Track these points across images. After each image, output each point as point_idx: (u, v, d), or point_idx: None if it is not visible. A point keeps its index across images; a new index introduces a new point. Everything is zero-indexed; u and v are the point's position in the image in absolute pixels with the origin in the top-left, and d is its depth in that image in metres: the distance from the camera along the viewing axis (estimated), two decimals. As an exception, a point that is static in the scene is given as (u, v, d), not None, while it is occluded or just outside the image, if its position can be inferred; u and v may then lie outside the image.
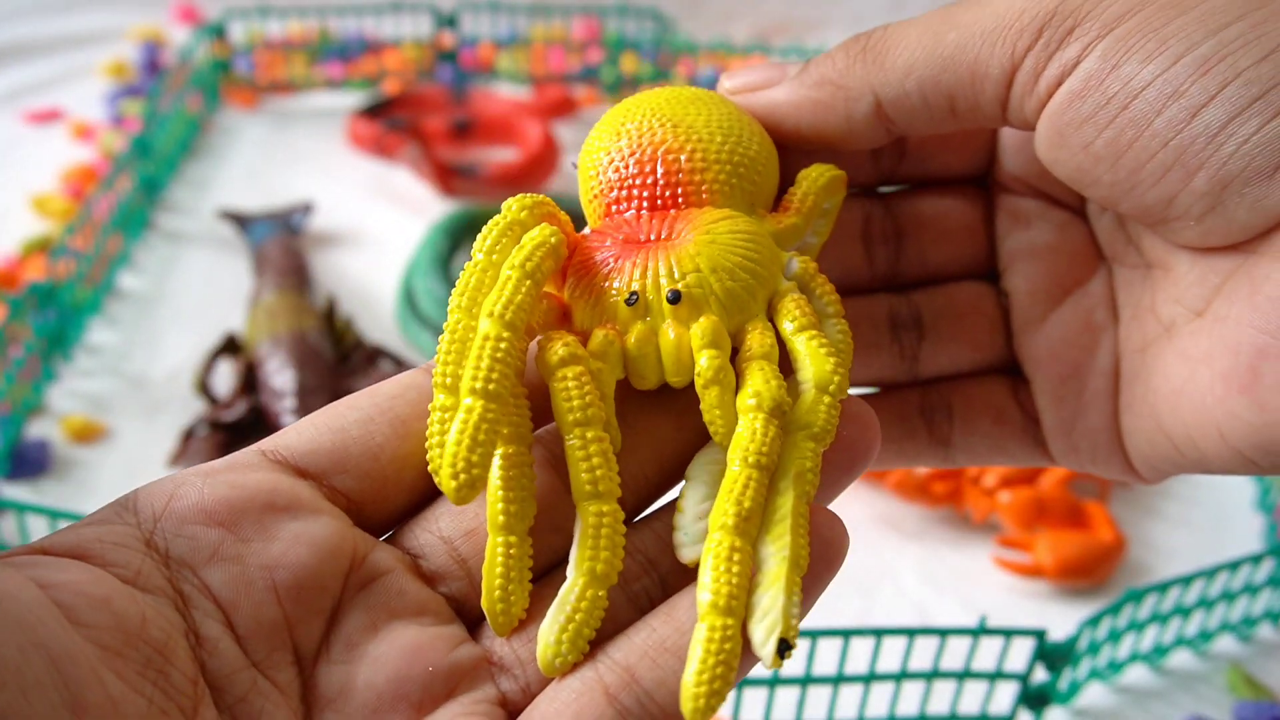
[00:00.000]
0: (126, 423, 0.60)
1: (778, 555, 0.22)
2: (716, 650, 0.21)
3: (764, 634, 0.22)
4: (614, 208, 0.27)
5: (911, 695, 0.46)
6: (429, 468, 0.24)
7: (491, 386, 0.23)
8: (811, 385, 0.24)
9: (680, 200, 0.26)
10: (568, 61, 0.89)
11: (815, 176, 0.28)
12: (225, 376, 0.62)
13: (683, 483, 0.25)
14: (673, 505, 0.25)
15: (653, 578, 0.24)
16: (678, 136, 0.27)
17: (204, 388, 0.60)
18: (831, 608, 0.52)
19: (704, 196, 0.26)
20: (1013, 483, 0.56)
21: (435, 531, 0.25)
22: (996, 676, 0.46)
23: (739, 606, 0.22)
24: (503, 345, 0.23)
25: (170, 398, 0.62)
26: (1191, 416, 0.25)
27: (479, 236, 0.25)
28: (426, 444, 0.24)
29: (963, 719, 0.47)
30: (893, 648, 0.45)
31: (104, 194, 0.69)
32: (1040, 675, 0.46)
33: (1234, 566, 0.49)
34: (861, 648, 0.44)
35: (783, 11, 0.98)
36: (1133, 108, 0.23)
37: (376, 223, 0.76)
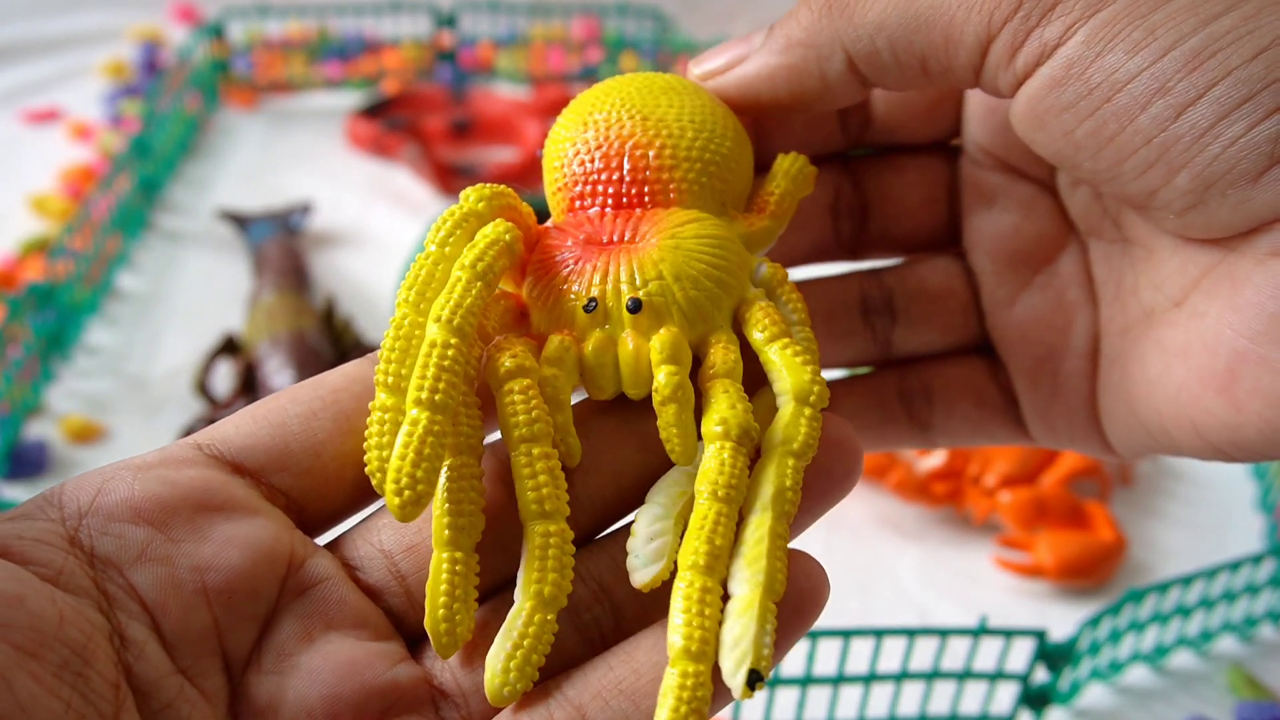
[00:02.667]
0: (125, 423, 0.60)
1: (752, 581, 0.21)
2: (689, 699, 0.20)
3: (734, 664, 0.21)
4: (578, 203, 0.26)
5: (912, 695, 0.46)
6: (367, 469, 0.23)
7: (439, 398, 0.22)
8: (790, 398, 0.23)
9: (647, 199, 0.25)
10: (567, 61, 0.89)
11: (788, 169, 0.27)
12: (224, 377, 0.62)
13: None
14: (626, 529, 0.24)
15: (604, 606, 0.23)
16: (646, 131, 0.25)
17: (203, 388, 0.60)
18: (831, 608, 0.53)
19: (671, 196, 0.25)
20: (1013, 483, 0.56)
21: (376, 544, 0.24)
22: (997, 677, 0.45)
23: (710, 651, 0.21)
24: (449, 353, 0.22)
25: (169, 398, 0.61)
26: (1166, 409, 0.25)
27: (432, 226, 0.24)
28: (365, 444, 0.23)
29: (963, 719, 0.47)
30: (893, 648, 0.45)
31: (103, 194, 0.69)
32: (1041, 675, 0.46)
33: (1235, 566, 0.49)
34: (861, 648, 0.44)
35: (782, 10, 0.98)
36: (1116, 100, 0.22)
37: (376, 223, 0.76)
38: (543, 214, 0.27)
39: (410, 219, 0.75)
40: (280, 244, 0.70)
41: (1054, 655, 0.45)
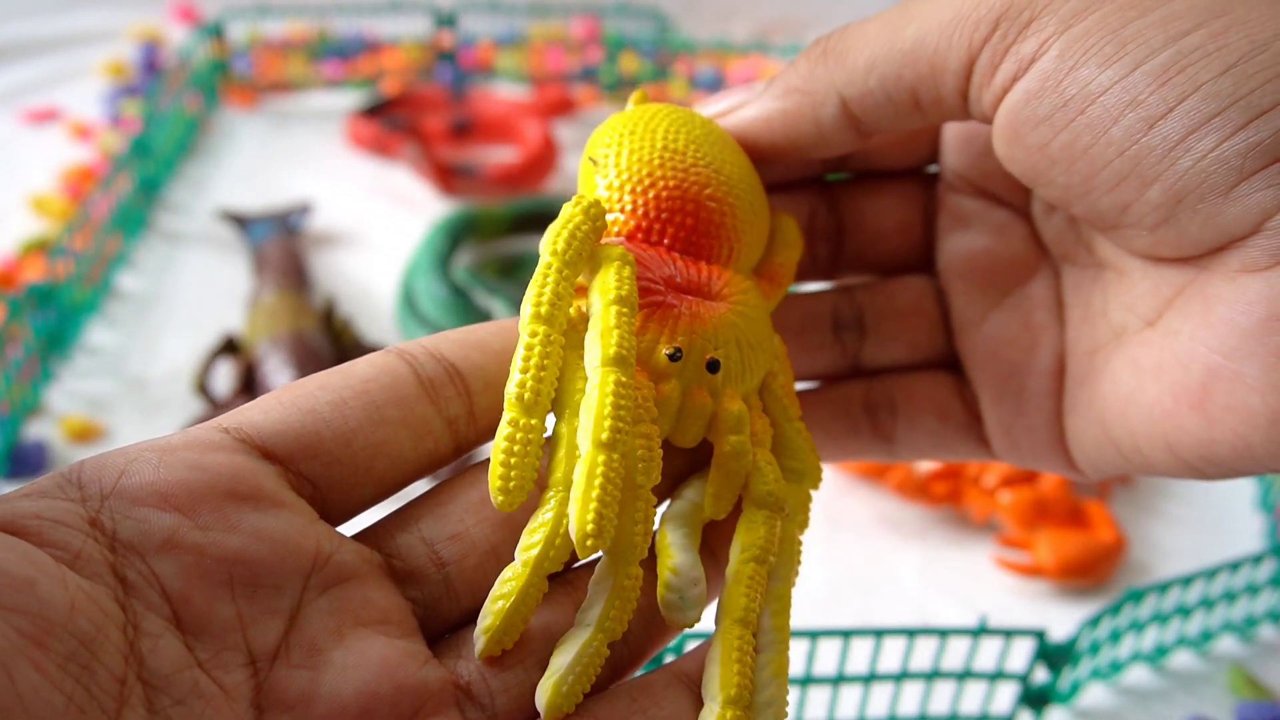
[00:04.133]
0: (125, 423, 0.60)
1: (779, 643, 0.24)
2: None
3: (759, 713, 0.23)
4: (640, 234, 0.26)
5: (912, 695, 0.46)
6: (491, 486, 0.22)
7: (620, 437, 0.22)
8: (807, 479, 0.26)
9: (709, 254, 0.26)
10: (567, 61, 0.89)
11: (791, 241, 0.28)
12: (224, 377, 0.62)
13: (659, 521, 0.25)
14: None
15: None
16: (719, 187, 0.26)
17: (203, 388, 0.60)
18: (832, 608, 0.53)
19: (728, 258, 0.26)
20: (1013, 483, 0.56)
21: (415, 532, 0.24)
22: (997, 676, 0.45)
23: (748, 698, 0.23)
24: (624, 392, 0.22)
25: (169, 398, 0.61)
26: (1139, 426, 0.25)
27: (548, 238, 0.24)
28: (492, 460, 0.23)
29: (963, 719, 0.47)
30: (893, 648, 0.45)
31: (103, 194, 0.69)
32: (1041, 675, 0.46)
33: (1235, 566, 0.49)
34: (861, 648, 0.44)
35: (782, 10, 0.98)
36: (1089, 113, 0.23)
37: (376, 223, 0.76)
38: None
39: (410, 219, 0.75)
40: (280, 244, 0.70)
41: (1054, 655, 0.45)
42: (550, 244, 0.24)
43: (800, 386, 0.29)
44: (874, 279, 0.31)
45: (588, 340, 0.23)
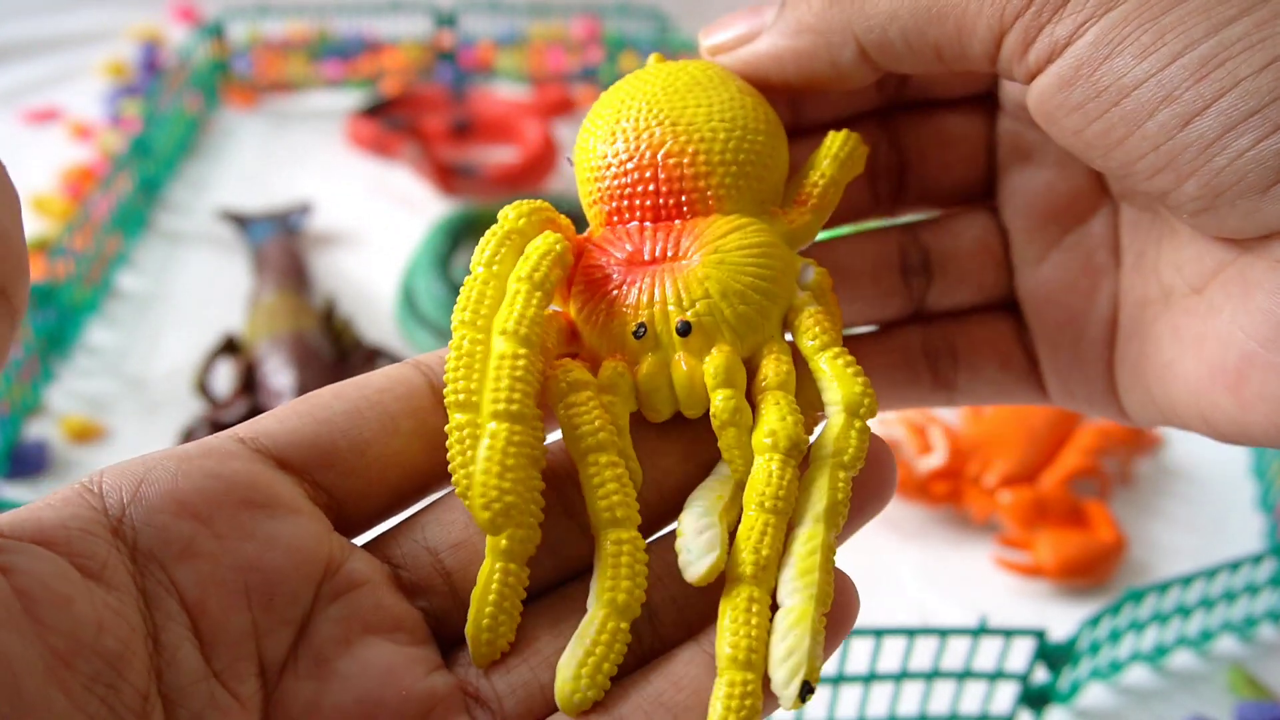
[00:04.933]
0: (125, 423, 0.60)
1: (805, 593, 0.22)
2: (737, 707, 0.21)
3: (787, 675, 0.21)
4: (615, 218, 0.25)
5: (912, 695, 0.46)
6: (456, 490, 0.23)
7: (515, 407, 0.22)
8: (841, 409, 0.23)
9: (685, 209, 0.25)
10: (567, 61, 0.89)
11: (835, 153, 0.26)
12: (224, 377, 0.62)
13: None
14: (665, 540, 0.24)
15: (643, 615, 0.23)
16: (678, 137, 0.25)
17: (203, 388, 0.60)
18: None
19: (710, 203, 0.25)
20: (1013, 483, 0.56)
21: (420, 541, 0.24)
22: (997, 676, 0.45)
23: (759, 660, 0.21)
24: (520, 363, 0.22)
25: (169, 398, 0.61)
26: (1177, 395, 0.25)
27: (477, 248, 0.24)
28: (450, 466, 0.23)
29: (963, 719, 0.47)
30: (893, 648, 0.45)
31: (103, 194, 0.69)
32: (1041, 675, 0.46)
33: (1235, 566, 0.49)
34: (861, 648, 0.44)
35: (782, 11, 0.98)
36: (1124, 105, 0.22)
37: (376, 223, 0.76)
38: (578, 222, 0.26)
39: (410, 219, 0.75)
40: (280, 244, 0.70)
41: (1054, 655, 0.45)
42: (476, 254, 0.24)
43: (859, 331, 0.29)
44: (938, 215, 0.30)
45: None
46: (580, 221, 0.26)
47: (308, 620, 0.22)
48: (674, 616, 0.23)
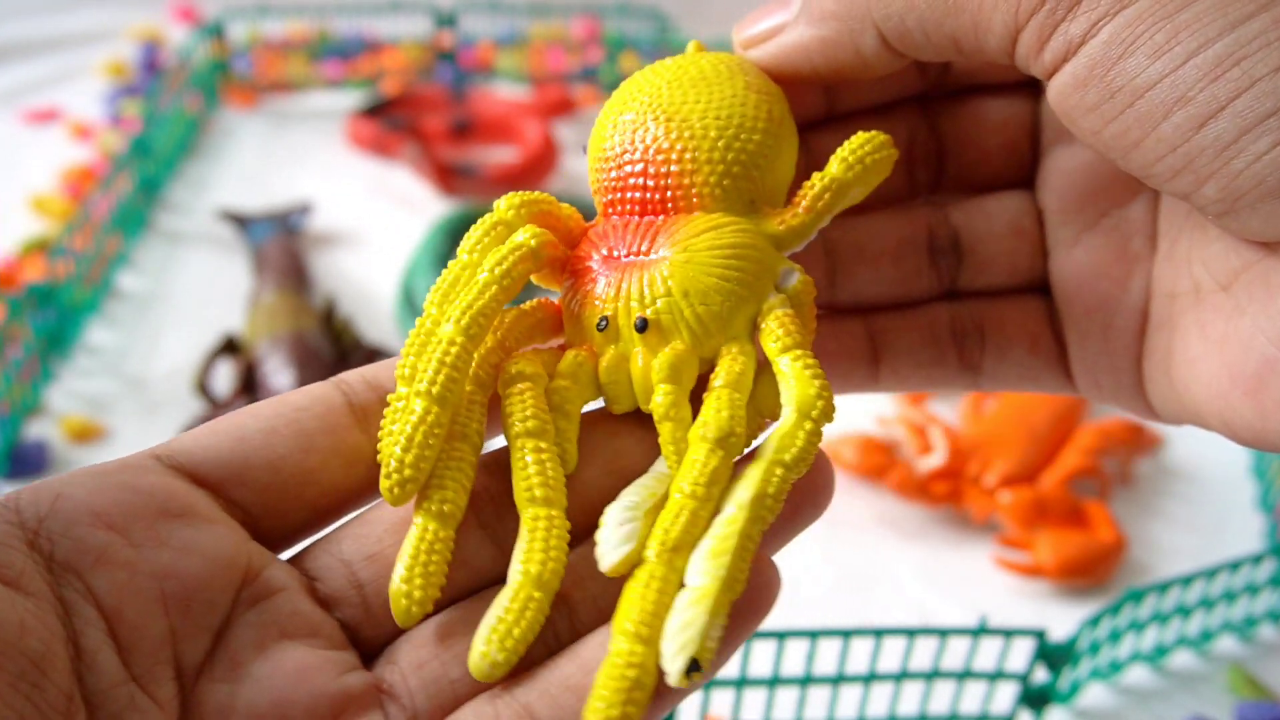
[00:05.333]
0: (125, 423, 0.60)
1: (711, 575, 0.21)
2: (619, 675, 0.20)
3: (675, 649, 0.20)
4: (610, 210, 0.26)
5: (911, 695, 0.46)
6: (380, 459, 0.23)
7: (436, 389, 0.23)
8: (794, 410, 0.23)
9: (669, 206, 0.25)
10: (567, 61, 0.89)
11: (849, 157, 0.25)
12: (224, 377, 0.62)
13: None
14: (588, 542, 0.24)
15: (561, 612, 0.23)
16: (668, 134, 0.25)
17: (203, 388, 0.60)
18: (831, 608, 0.53)
19: (694, 200, 0.25)
20: (1013, 482, 0.56)
21: (335, 554, 0.24)
22: (997, 676, 0.45)
23: (652, 634, 0.20)
24: (454, 350, 0.23)
25: (169, 398, 0.61)
26: (1200, 394, 0.24)
27: (466, 235, 0.25)
28: (379, 434, 0.24)
29: (963, 719, 0.47)
30: (893, 648, 0.45)
31: (103, 194, 0.69)
32: (1040, 675, 0.46)
33: (1235, 566, 0.49)
34: (861, 648, 0.44)
35: (782, 11, 0.98)
36: (1138, 106, 0.22)
37: (376, 223, 0.76)
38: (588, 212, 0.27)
39: (410, 219, 0.75)
40: (280, 244, 0.70)
41: (1054, 655, 0.45)
42: (463, 240, 0.25)
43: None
44: (969, 196, 0.29)
45: None
46: (594, 214, 0.27)
47: (225, 626, 0.22)
48: (593, 615, 0.23)
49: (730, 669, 0.43)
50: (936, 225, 0.29)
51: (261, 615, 0.23)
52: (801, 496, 0.23)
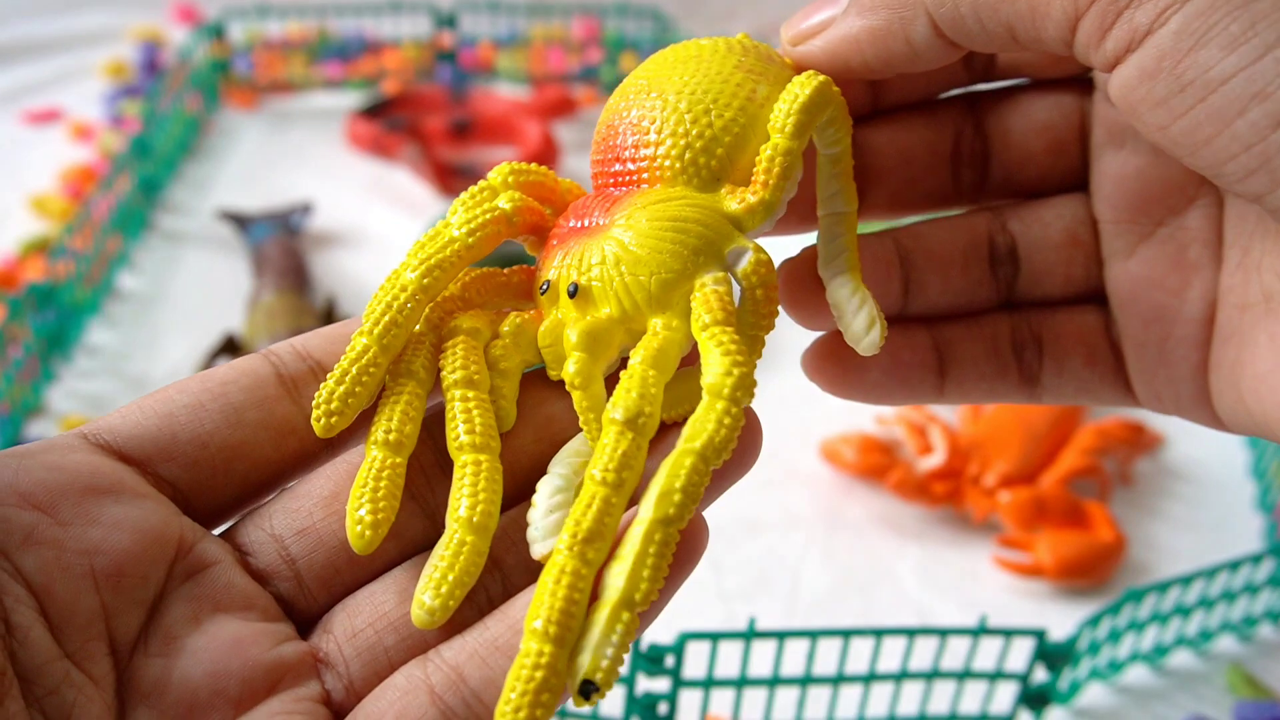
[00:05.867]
0: (126, 423, 0.60)
1: (613, 586, 0.20)
2: (527, 677, 0.20)
3: (574, 670, 0.20)
4: (595, 181, 0.26)
5: (911, 695, 0.46)
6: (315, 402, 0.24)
7: (378, 330, 0.24)
8: (705, 390, 0.22)
9: (634, 180, 0.25)
10: (567, 61, 0.89)
11: (781, 125, 0.24)
12: (224, 377, 0.62)
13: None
14: (520, 506, 0.24)
15: (494, 576, 0.23)
16: (643, 107, 0.25)
17: (203, 388, 0.60)
18: (831, 608, 0.53)
19: (657, 174, 0.25)
20: (1013, 482, 0.56)
21: (267, 529, 0.24)
22: (996, 676, 0.45)
23: (561, 633, 0.20)
24: (402, 296, 0.24)
25: (169, 398, 0.61)
26: (1271, 407, 0.24)
27: (455, 199, 0.26)
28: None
29: (963, 719, 0.47)
30: (893, 648, 0.45)
31: (103, 194, 0.69)
32: (1040, 675, 0.46)
33: (1234, 566, 0.49)
34: (861, 648, 0.44)
35: (783, 10, 0.98)
36: (1211, 101, 0.20)
37: (376, 223, 0.76)
38: None
39: (410, 219, 0.75)
40: (280, 244, 0.70)
41: (1053, 655, 0.45)
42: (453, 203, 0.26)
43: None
44: (1026, 202, 0.28)
45: None
46: None
47: (159, 600, 0.23)
48: (525, 579, 0.23)
49: (730, 669, 0.43)
50: (996, 233, 0.28)
51: (195, 589, 0.23)
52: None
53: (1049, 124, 0.28)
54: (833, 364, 0.28)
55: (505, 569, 0.23)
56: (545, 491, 0.23)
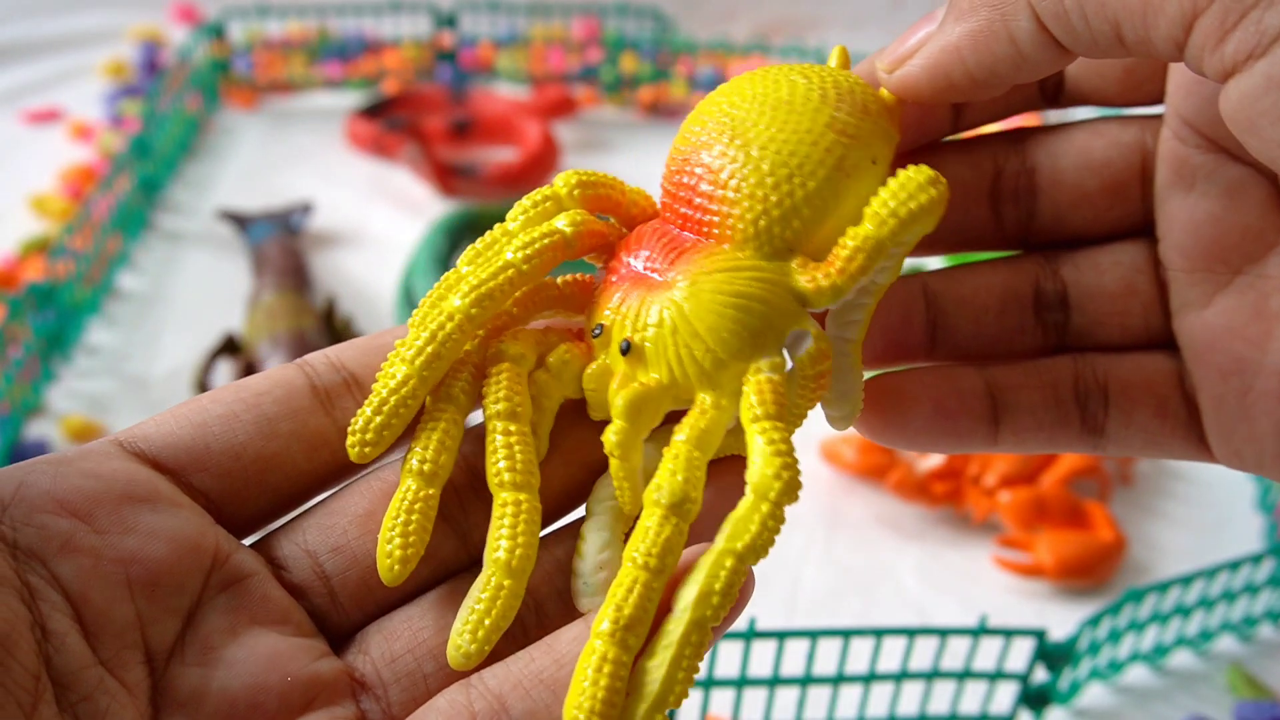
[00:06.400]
0: (126, 423, 0.60)
1: (649, 686, 0.20)
2: None
3: None
4: (665, 212, 0.25)
5: (911, 695, 0.46)
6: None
7: (420, 361, 0.23)
8: (751, 489, 0.21)
9: (702, 230, 0.24)
10: (567, 61, 0.89)
11: (876, 211, 0.22)
12: (224, 376, 0.62)
13: (583, 513, 0.24)
14: (562, 534, 0.24)
15: (529, 606, 0.23)
16: (724, 155, 0.23)
17: (203, 388, 0.60)
18: (832, 608, 0.53)
19: (727, 233, 0.23)
20: (1013, 482, 0.56)
21: (301, 544, 0.24)
22: (997, 676, 0.45)
23: (601, 718, 0.20)
24: (449, 326, 0.23)
25: (169, 398, 0.61)
26: None
27: (518, 202, 0.25)
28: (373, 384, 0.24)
29: (963, 719, 0.47)
30: (893, 648, 0.45)
31: (103, 194, 0.69)
32: (1040, 675, 0.46)
33: (1234, 566, 0.49)
34: (861, 648, 0.44)
35: (782, 10, 0.98)
36: None
37: (376, 223, 0.76)
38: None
39: (410, 219, 0.75)
40: (280, 244, 0.70)
41: (1054, 655, 0.45)
42: (515, 207, 0.25)
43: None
44: (1080, 248, 0.26)
45: None
46: None
47: (195, 609, 0.23)
48: (560, 611, 0.23)
49: (730, 669, 0.43)
50: (1044, 279, 0.26)
51: (232, 601, 0.23)
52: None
53: (1107, 162, 0.26)
54: (874, 408, 0.26)
55: (539, 597, 0.23)
56: (594, 545, 0.23)
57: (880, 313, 0.25)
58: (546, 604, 0.23)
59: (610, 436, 0.22)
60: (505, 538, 0.22)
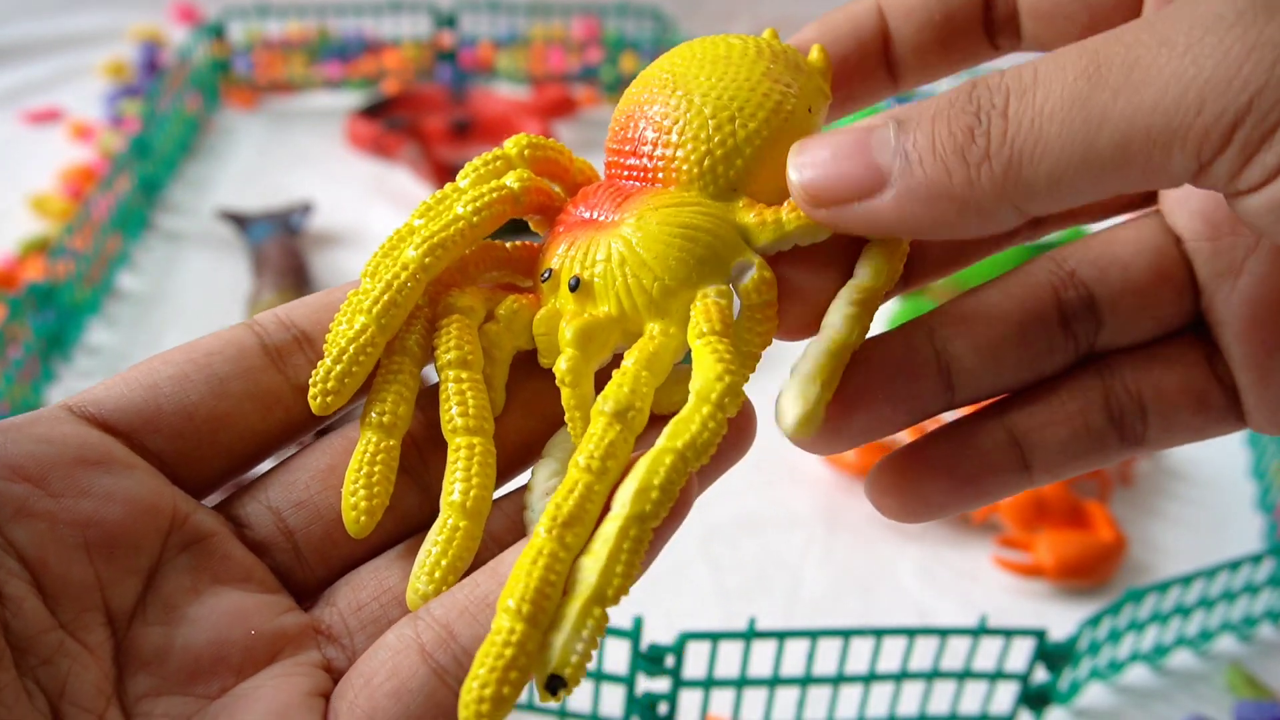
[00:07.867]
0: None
1: (584, 583, 0.20)
2: (497, 654, 0.20)
3: (543, 664, 0.20)
4: (609, 170, 0.26)
5: (911, 695, 0.46)
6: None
7: (377, 309, 0.24)
8: (693, 393, 0.22)
9: (649, 177, 0.25)
10: (567, 61, 0.89)
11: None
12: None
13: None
14: (524, 487, 0.24)
15: (491, 551, 0.23)
16: (666, 104, 0.25)
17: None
18: (831, 608, 0.53)
19: (673, 176, 0.24)
20: (1013, 482, 0.56)
21: (263, 501, 0.24)
22: (997, 676, 0.45)
23: (534, 613, 0.20)
24: (404, 275, 0.24)
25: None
26: None
27: (469, 163, 0.26)
28: (326, 338, 0.24)
29: (963, 719, 0.47)
30: (893, 648, 0.45)
31: (103, 194, 0.69)
32: (1040, 675, 0.46)
33: (1234, 566, 0.49)
34: (861, 648, 0.44)
35: (782, 10, 0.98)
36: None
37: (376, 223, 0.76)
38: None
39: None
40: (280, 244, 0.70)
41: (1054, 655, 0.45)
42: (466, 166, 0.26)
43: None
44: (1093, 239, 0.26)
45: None
46: None
47: (155, 569, 0.23)
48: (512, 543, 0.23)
49: (730, 669, 0.43)
50: (1063, 287, 0.25)
51: (193, 560, 0.23)
52: (726, 437, 0.22)
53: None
54: (889, 491, 0.25)
55: (502, 545, 0.23)
56: (542, 475, 0.23)
57: (886, 376, 0.24)
58: (506, 541, 0.23)
59: (561, 364, 0.23)
60: (460, 480, 0.23)
